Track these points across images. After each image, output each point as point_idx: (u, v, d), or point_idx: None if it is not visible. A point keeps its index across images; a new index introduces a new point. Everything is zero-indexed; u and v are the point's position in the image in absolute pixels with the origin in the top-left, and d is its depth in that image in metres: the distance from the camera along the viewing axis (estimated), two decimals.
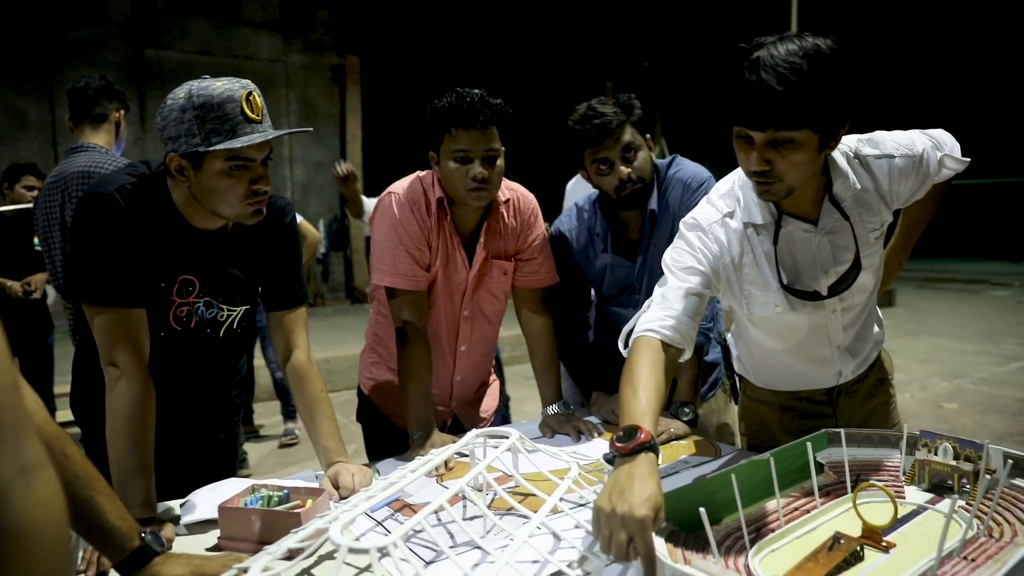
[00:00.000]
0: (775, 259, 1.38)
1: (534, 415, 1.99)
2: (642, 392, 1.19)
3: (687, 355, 1.35)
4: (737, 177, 1.44)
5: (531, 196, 1.91)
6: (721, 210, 1.41)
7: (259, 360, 4.28)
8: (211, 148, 1.23)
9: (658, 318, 1.31)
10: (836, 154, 1.35)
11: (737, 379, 1.79)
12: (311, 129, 1.52)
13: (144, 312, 1.33)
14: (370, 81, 10.56)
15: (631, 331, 1.36)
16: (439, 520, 1.21)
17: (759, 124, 1.19)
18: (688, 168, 1.89)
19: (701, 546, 1.05)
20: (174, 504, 1.35)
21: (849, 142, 1.39)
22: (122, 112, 2.47)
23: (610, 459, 1.10)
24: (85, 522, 1.02)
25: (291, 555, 1.03)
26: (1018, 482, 1.21)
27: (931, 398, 5.17)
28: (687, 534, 1.10)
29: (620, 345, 1.36)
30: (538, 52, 11.18)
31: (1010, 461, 1.19)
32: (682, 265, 1.38)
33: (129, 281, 1.30)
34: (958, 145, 1.47)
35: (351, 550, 0.86)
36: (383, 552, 0.87)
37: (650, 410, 1.16)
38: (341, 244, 10.37)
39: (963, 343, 7.05)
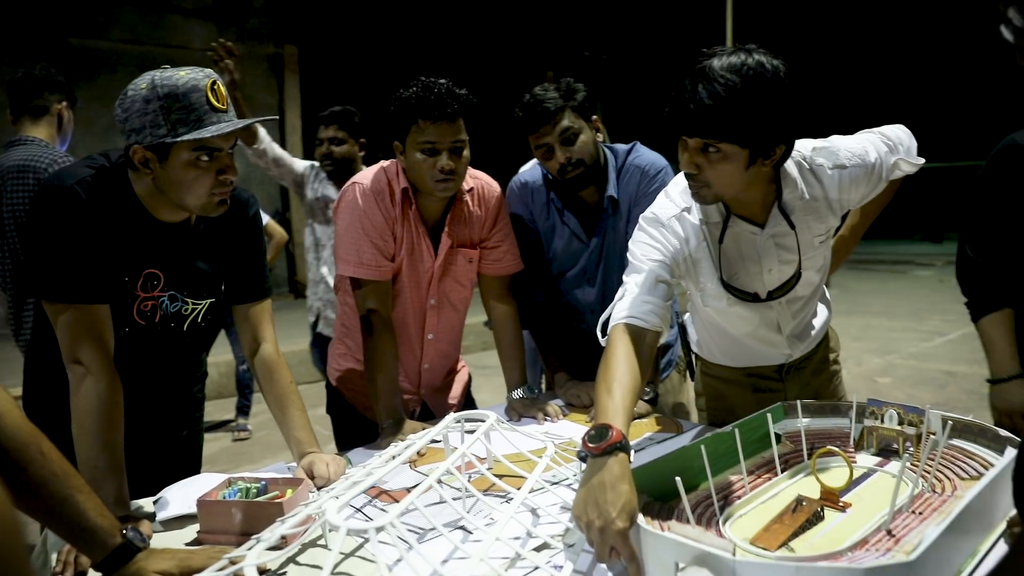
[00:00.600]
0: (718, 257, 1.45)
1: (488, 403, 2.02)
2: (616, 388, 1.21)
3: (665, 338, 1.40)
4: None
5: (495, 184, 1.93)
6: (679, 205, 1.46)
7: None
8: (179, 139, 1.21)
9: (635, 304, 1.35)
10: (789, 163, 1.39)
11: (694, 357, 1.86)
12: (277, 117, 1.51)
13: (108, 308, 1.30)
14: (309, 71, 10.34)
15: (607, 320, 1.39)
16: (416, 505, 1.24)
17: (688, 131, 1.25)
18: (646, 156, 1.94)
19: (675, 516, 1.11)
20: (145, 502, 1.33)
21: (803, 150, 1.43)
22: (65, 104, 2.38)
23: (583, 457, 1.12)
24: (65, 521, 1.00)
25: (283, 541, 1.04)
26: (955, 442, 1.32)
27: (866, 373, 5.43)
28: (660, 505, 1.15)
29: (599, 334, 1.39)
30: (478, 41, 11.16)
31: (949, 423, 1.29)
32: (649, 256, 1.42)
33: (92, 276, 1.27)
34: (915, 143, 1.52)
35: (350, 530, 0.88)
36: (380, 531, 0.89)
37: (623, 408, 1.19)
38: None
39: (892, 321, 7.40)
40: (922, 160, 1.53)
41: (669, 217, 1.45)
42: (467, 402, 2.11)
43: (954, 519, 0.93)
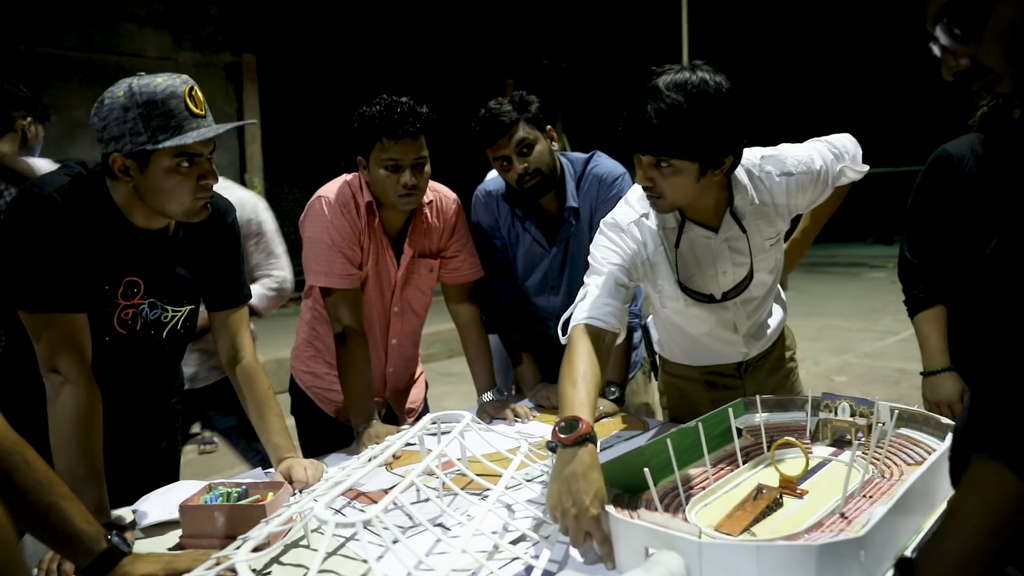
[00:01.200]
0: (675, 260, 1.53)
1: (455, 409, 2.06)
2: (581, 383, 1.28)
3: (622, 338, 1.46)
4: None
5: (453, 195, 2.00)
6: (638, 211, 1.53)
7: None
8: (160, 146, 1.23)
9: (595, 306, 1.41)
10: (739, 171, 1.48)
11: (657, 358, 1.93)
12: (256, 121, 1.54)
13: (86, 317, 1.31)
14: (268, 80, 10.25)
15: (567, 320, 1.46)
16: (395, 505, 1.28)
17: (640, 148, 1.32)
18: (604, 164, 2.02)
19: (644, 505, 1.17)
20: (125, 512, 1.34)
21: (753, 158, 1.51)
22: (30, 119, 2.37)
23: (552, 447, 1.18)
24: (50, 529, 1.02)
25: (268, 541, 1.07)
26: (903, 431, 1.41)
27: (823, 372, 5.60)
28: (630, 496, 1.22)
29: (559, 333, 1.45)
30: (437, 50, 11.20)
31: (895, 412, 1.38)
32: (608, 260, 1.49)
33: (70, 285, 1.27)
34: (860, 150, 1.62)
35: (338, 524, 0.92)
36: (367, 525, 0.93)
37: (588, 401, 1.25)
38: None
39: (847, 321, 7.64)
40: (866, 167, 1.62)
41: (628, 223, 1.52)
42: (426, 406, 2.17)
43: (898, 500, 1.00)
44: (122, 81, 1.27)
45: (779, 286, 1.81)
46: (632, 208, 1.55)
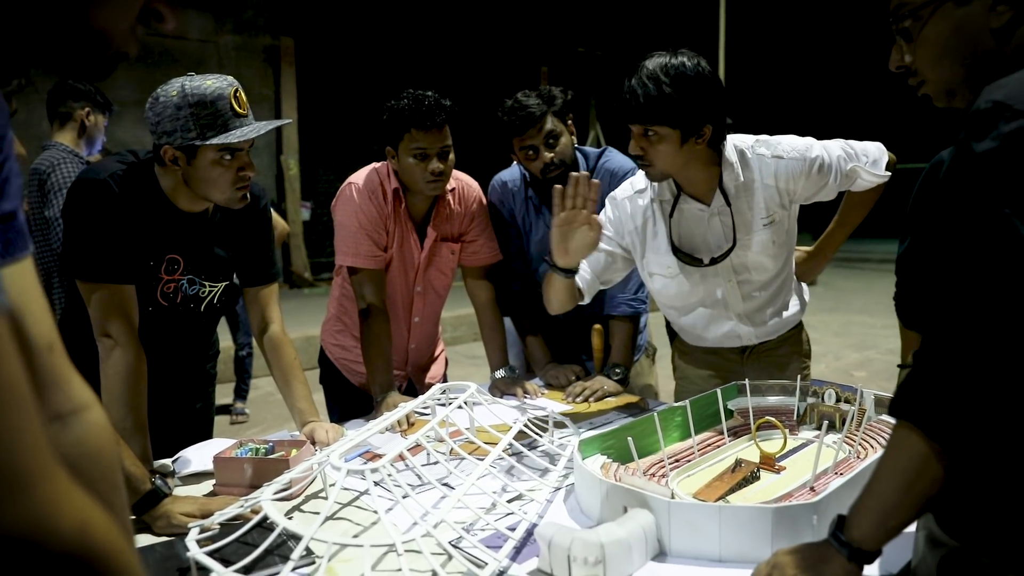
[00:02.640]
0: (668, 229, 1.71)
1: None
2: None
3: (583, 299, 1.77)
4: None
5: (475, 184, 2.12)
6: (635, 187, 1.77)
7: None
8: (207, 142, 1.38)
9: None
10: (729, 150, 1.64)
11: (672, 338, 2.04)
12: (290, 120, 1.68)
13: (134, 288, 1.47)
14: (305, 63, 10.45)
15: None
16: (407, 466, 1.41)
17: (629, 119, 1.55)
18: (616, 159, 2.12)
19: (627, 472, 1.28)
20: (167, 460, 1.50)
21: (747, 141, 1.67)
22: (88, 110, 2.58)
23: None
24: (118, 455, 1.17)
25: (290, 486, 1.21)
26: (884, 417, 1.49)
27: (843, 368, 5.62)
28: (618, 464, 1.33)
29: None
30: (474, 37, 11.28)
31: (872, 397, 1.47)
32: None
33: (121, 260, 1.43)
34: (885, 157, 1.71)
35: (349, 471, 1.05)
36: (376, 478, 1.06)
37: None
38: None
39: (873, 318, 7.61)
40: (886, 174, 1.70)
41: (622, 197, 1.79)
42: (445, 381, 2.30)
43: (856, 473, 1.10)
44: (174, 81, 1.42)
45: (803, 284, 1.89)
46: (631, 185, 1.80)
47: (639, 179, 1.77)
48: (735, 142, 1.66)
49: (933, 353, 0.75)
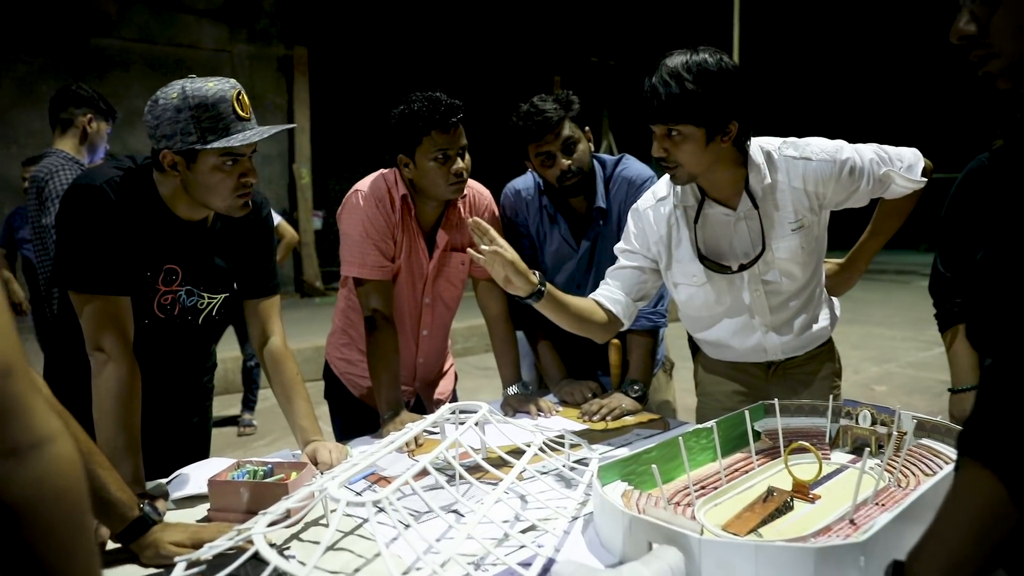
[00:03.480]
0: (694, 235, 1.64)
1: (488, 401, 2.09)
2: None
3: (622, 324, 1.72)
4: None
5: (486, 192, 2.04)
6: (657, 195, 1.71)
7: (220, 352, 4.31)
8: (209, 146, 1.31)
9: (600, 288, 1.73)
10: (755, 151, 1.58)
11: (694, 353, 1.95)
12: (295, 125, 1.61)
13: (129, 300, 1.39)
14: (318, 73, 10.46)
15: None
16: (412, 490, 1.32)
17: (651, 119, 1.49)
18: (634, 167, 2.03)
19: (651, 502, 1.19)
20: (161, 481, 1.42)
21: (773, 143, 1.60)
22: (90, 117, 2.54)
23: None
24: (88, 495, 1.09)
25: (287, 515, 1.13)
26: (925, 441, 1.39)
27: (863, 381, 5.48)
28: (640, 492, 1.24)
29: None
30: (486, 46, 11.25)
31: (914, 422, 1.36)
32: (621, 248, 1.75)
33: (117, 270, 1.36)
34: (921, 163, 1.61)
35: (349, 502, 0.96)
36: (378, 506, 0.97)
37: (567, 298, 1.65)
38: None
39: (892, 330, 7.45)
40: (923, 180, 1.60)
41: (645, 207, 1.73)
42: (455, 398, 2.22)
43: (906, 507, 1.00)
44: (175, 83, 1.34)
45: (834, 299, 1.79)
46: (653, 194, 1.73)
47: (660, 187, 1.71)
48: (761, 144, 1.59)
49: (1011, 382, 0.65)
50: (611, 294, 1.71)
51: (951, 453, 1.35)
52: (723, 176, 1.58)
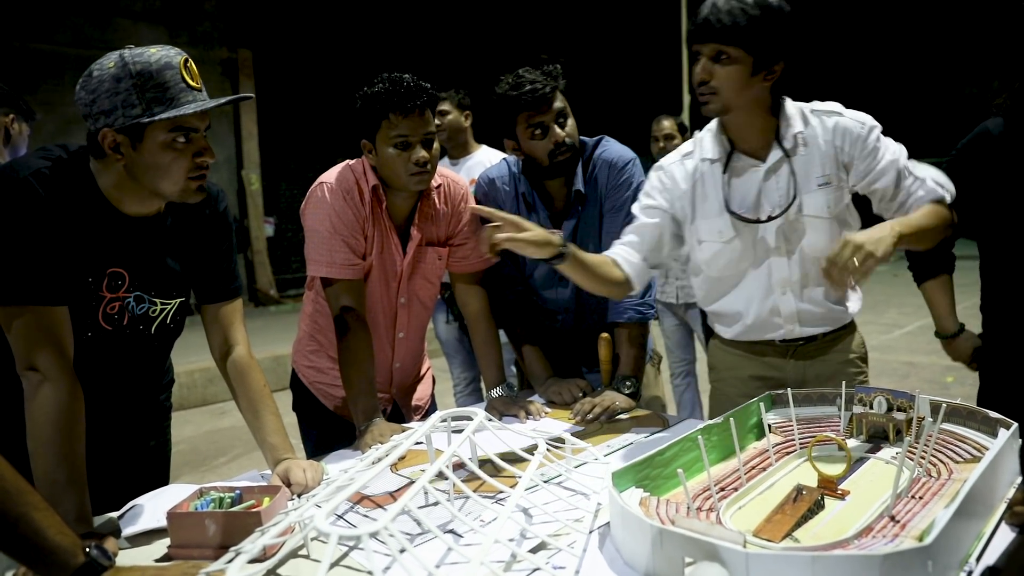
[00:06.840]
0: (721, 186, 1.60)
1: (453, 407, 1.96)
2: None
3: (634, 288, 1.66)
4: (706, 128, 1.67)
5: (463, 180, 1.91)
6: (682, 152, 1.68)
7: None
8: (155, 118, 1.14)
9: (616, 250, 1.67)
10: (790, 104, 1.58)
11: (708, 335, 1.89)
12: (252, 95, 1.46)
13: (66, 310, 1.22)
14: (264, 75, 10.14)
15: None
16: (408, 508, 1.18)
17: (705, 38, 1.48)
18: (614, 148, 1.92)
19: (672, 509, 1.07)
20: (113, 515, 1.24)
21: (802, 105, 1.60)
22: (12, 117, 2.30)
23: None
24: (20, 542, 0.92)
25: (264, 553, 0.97)
26: (945, 426, 1.31)
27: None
28: (658, 498, 1.12)
29: None
30: (434, 45, 11.08)
31: (943, 407, 1.28)
32: (642, 205, 1.68)
33: (49, 276, 1.18)
34: (948, 184, 1.57)
35: (341, 537, 0.82)
36: (375, 536, 0.83)
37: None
38: (242, 245, 9.95)
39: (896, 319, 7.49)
40: (949, 191, 1.56)
41: (670, 163, 1.69)
42: (433, 403, 2.09)
43: (962, 502, 0.91)
44: (111, 53, 1.18)
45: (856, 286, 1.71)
46: (678, 151, 1.71)
47: (685, 145, 1.70)
48: (792, 102, 1.61)
49: None
50: (627, 255, 1.65)
51: (977, 438, 1.27)
52: (755, 122, 1.56)
